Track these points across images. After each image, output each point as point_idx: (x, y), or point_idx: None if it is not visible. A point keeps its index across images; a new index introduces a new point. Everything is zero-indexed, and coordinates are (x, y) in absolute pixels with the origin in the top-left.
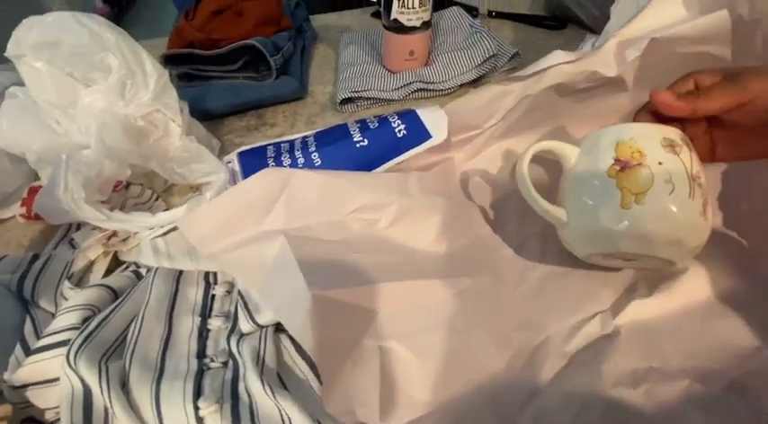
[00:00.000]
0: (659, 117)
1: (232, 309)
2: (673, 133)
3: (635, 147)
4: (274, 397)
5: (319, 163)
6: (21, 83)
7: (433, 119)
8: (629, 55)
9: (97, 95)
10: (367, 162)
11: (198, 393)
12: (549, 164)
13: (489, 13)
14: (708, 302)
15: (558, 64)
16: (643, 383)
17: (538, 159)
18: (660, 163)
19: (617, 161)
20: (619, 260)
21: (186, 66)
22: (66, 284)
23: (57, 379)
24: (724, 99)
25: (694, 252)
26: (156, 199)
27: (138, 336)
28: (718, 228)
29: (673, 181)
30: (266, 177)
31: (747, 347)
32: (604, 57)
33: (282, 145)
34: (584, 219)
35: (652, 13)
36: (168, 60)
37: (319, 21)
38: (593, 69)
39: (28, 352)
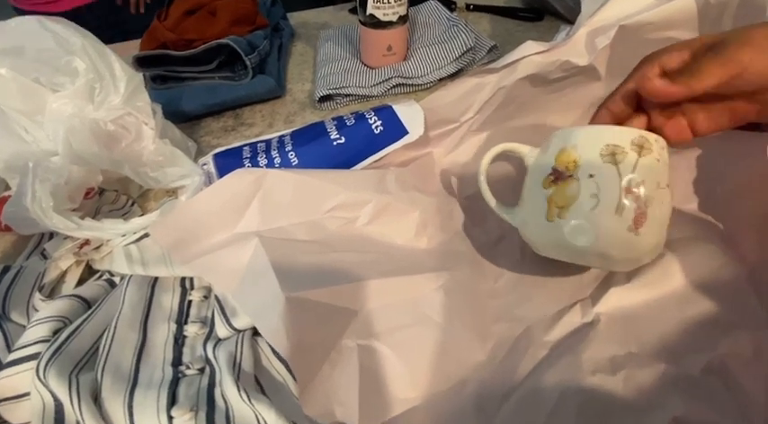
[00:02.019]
0: (618, 117)
1: (209, 314)
2: (622, 136)
3: (572, 157)
4: (250, 402)
5: (296, 162)
6: None
7: (410, 114)
8: (599, 43)
9: (65, 100)
10: (345, 159)
11: (173, 402)
12: (518, 162)
13: (467, 6)
14: (685, 286)
15: (531, 54)
16: (622, 368)
17: (508, 157)
18: (591, 176)
19: (554, 170)
20: None
21: (160, 68)
22: (38, 295)
23: (28, 394)
24: (716, 75)
25: (635, 263)
26: (132, 205)
27: (110, 346)
28: (693, 213)
29: (599, 196)
30: (239, 178)
31: (725, 329)
32: (575, 46)
33: (259, 145)
34: (525, 225)
35: (620, 1)
36: (141, 62)
37: (297, 18)
38: (565, 58)
39: None
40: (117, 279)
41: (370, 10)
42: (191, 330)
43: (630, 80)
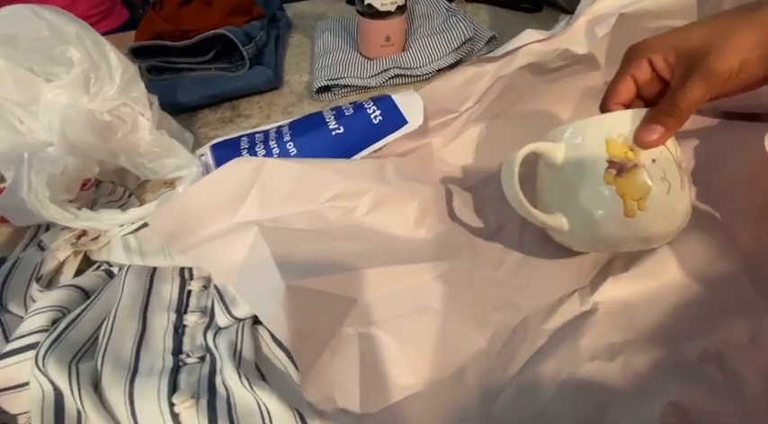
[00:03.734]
0: (627, 106)
1: (209, 304)
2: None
3: (626, 146)
4: (251, 388)
5: (295, 152)
6: None
7: (409, 104)
8: (598, 31)
9: (60, 91)
10: (343, 149)
11: (173, 389)
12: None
13: None
14: (682, 275)
15: (530, 43)
16: (620, 355)
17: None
18: (654, 161)
19: (612, 164)
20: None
21: (155, 59)
22: (35, 286)
23: (27, 383)
24: (704, 96)
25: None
26: (129, 196)
27: (110, 335)
28: (690, 202)
29: (668, 178)
30: (238, 167)
31: (721, 317)
32: (575, 34)
33: (257, 135)
34: (587, 227)
35: None
36: (136, 53)
37: (294, 9)
38: (565, 47)
39: None
40: (115, 270)
41: (368, 0)
42: (190, 319)
43: (627, 71)
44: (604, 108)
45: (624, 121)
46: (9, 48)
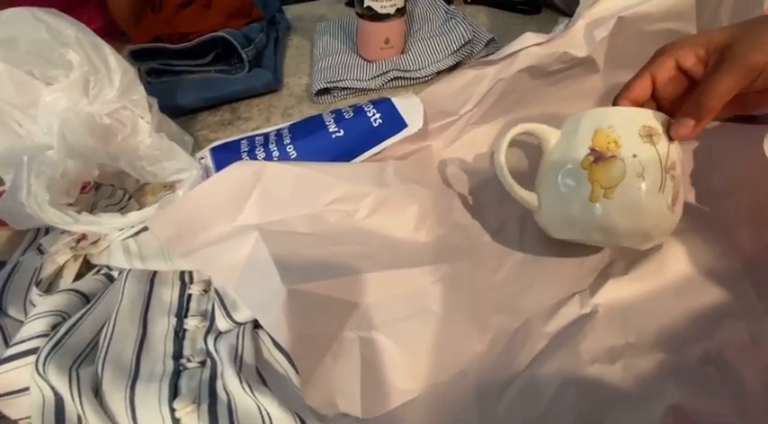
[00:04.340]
0: (637, 104)
1: (209, 308)
2: (654, 119)
3: (612, 137)
4: (252, 393)
5: (295, 155)
6: None
7: (409, 107)
8: (597, 34)
9: (59, 94)
10: (343, 152)
11: (174, 394)
12: (531, 147)
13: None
14: (682, 277)
15: (529, 46)
16: (620, 358)
17: (519, 142)
18: (635, 156)
19: (592, 151)
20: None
21: (155, 61)
22: (35, 290)
23: (27, 388)
24: (734, 87)
25: (661, 239)
26: (129, 199)
27: (110, 340)
28: (691, 203)
29: (644, 175)
30: (238, 171)
31: (721, 319)
32: (574, 37)
33: (256, 138)
34: (555, 207)
35: None
36: (135, 55)
37: (293, 11)
38: (564, 50)
39: None
40: (115, 274)
41: (367, 2)
42: (191, 323)
43: (647, 69)
44: (615, 102)
45: (620, 116)
46: (8, 50)
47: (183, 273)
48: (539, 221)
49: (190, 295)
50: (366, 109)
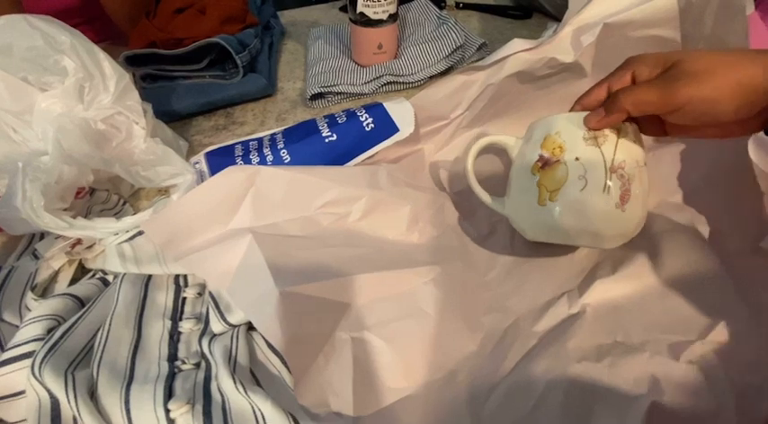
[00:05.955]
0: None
1: (204, 311)
2: None
3: (557, 142)
4: (246, 394)
5: (288, 159)
6: None
7: (401, 111)
8: (584, 40)
9: (54, 100)
10: (336, 157)
11: (169, 396)
12: (504, 156)
13: (457, 5)
14: (667, 277)
15: (518, 52)
16: (607, 356)
17: (497, 150)
18: (577, 159)
19: (540, 157)
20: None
21: (149, 67)
22: (30, 295)
23: (24, 392)
24: (651, 104)
25: (623, 238)
26: (123, 204)
27: (105, 343)
28: (672, 202)
29: (587, 177)
30: (232, 175)
31: (706, 318)
32: (561, 43)
33: (250, 143)
34: (516, 212)
35: None
36: (130, 61)
37: (287, 16)
38: (551, 56)
39: None
40: (110, 278)
41: (360, 8)
42: (185, 326)
43: (606, 80)
44: (571, 109)
45: (567, 121)
46: (3, 57)
47: (177, 277)
48: (513, 226)
49: (184, 299)
50: (359, 113)
